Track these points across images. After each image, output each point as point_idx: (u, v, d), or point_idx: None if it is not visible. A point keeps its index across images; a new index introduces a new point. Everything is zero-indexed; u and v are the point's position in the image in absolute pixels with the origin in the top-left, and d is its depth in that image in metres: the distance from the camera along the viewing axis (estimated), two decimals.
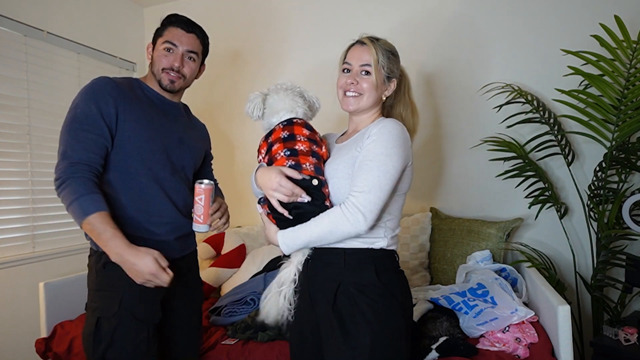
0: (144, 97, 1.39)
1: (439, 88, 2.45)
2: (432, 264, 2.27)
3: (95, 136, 1.24)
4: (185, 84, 1.44)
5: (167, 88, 1.41)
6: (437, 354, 1.49)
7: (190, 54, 1.41)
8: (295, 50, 2.78)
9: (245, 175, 2.84)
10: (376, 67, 1.19)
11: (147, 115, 1.35)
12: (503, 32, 2.32)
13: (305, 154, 1.17)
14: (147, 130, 1.33)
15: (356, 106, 1.23)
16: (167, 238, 1.38)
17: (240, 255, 2.49)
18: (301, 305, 1.22)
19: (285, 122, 1.22)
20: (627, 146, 1.95)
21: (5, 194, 2.18)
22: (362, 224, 1.07)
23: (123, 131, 1.29)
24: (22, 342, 2.16)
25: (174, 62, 1.38)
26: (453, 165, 2.44)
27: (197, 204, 1.31)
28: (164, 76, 1.39)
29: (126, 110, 1.30)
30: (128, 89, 1.34)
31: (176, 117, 1.48)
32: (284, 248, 1.14)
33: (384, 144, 1.11)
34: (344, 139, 1.29)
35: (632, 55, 1.78)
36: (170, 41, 1.37)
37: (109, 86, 1.29)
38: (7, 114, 2.22)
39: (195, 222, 1.33)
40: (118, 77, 1.38)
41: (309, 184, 1.13)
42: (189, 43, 1.40)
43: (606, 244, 1.92)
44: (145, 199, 1.33)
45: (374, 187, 1.07)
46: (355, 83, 1.21)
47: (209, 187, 1.31)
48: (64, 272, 2.37)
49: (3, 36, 2.21)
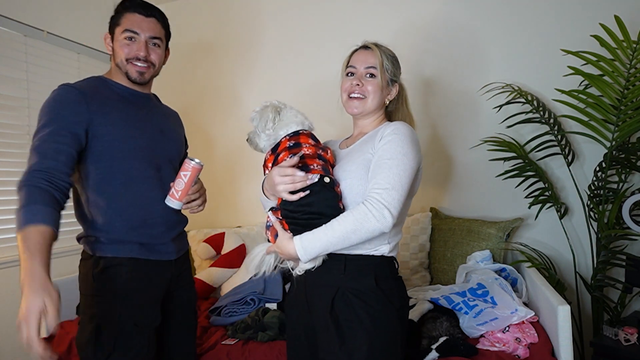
0: (113, 95, 1.30)
1: (439, 88, 2.45)
2: (432, 264, 2.27)
3: (60, 145, 1.14)
4: (155, 72, 1.36)
5: (136, 80, 1.32)
6: (437, 354, 1.49)
7: (154, 40, 1.31)
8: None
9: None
10: (381, 69, 1.21)
11: (122, 114, 1.28)
12: (503, 32, 2.32)
13: (311, 156, 1.16)
14: (125, 129, 1.27)
15: (361, 109, 1.23)
16: (164, 240, 1.34)
17: (240, 255, 2.48)
18: (297, 308, 1.22)
19: (292, 133, 1.22)
20: (627, 146, 1.95)
21: (5, 194, 2.18)
22: (389, 219, 1.05)
23: (101, 136, 1.22)
24: (22, 342, 2.16)
25: (139, 52, 1.28)
26: (453, 165, 2.44)
27: (180, 179, 1.27)
28: (130, 68, 1.30)
29: (97, 114, 1.22)
30: (93, 91, 1.25)
31: (151, 108, 1.40)
32: (302, 253, 1.06)
33: (401, 144, 1.11)
34: (349, 143, 1.29)
35: (632, 55, 1.78)
36: (130, 29, 1.28)
37: (72, 94, 1.20)
38: (7, 114, 2.22)
39: (171, 195, 1.28)
40: (79, 81, 1.29)
41: (321, 182, 1.11)
42: (150, 28, 1.30)
43: (606, 244, 1.92)
44: (137, 201, 1.28)
45: (396, 184, 1.07)
46: (361, 85, 1.22)
47: (197, 166, 1.27)
48: (64, 272, 2.37)
49: (3, 36, 2.21)
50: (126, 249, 1.27)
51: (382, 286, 1.12)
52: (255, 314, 1.86)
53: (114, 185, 1.25)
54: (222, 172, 2.88)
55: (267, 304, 2.00)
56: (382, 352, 1.08)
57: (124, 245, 1.27)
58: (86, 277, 1.28)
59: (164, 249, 1.34)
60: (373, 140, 1.17)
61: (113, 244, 1.26)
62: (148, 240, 1.30)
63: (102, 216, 1.26)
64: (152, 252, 1.32)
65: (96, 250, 1.27)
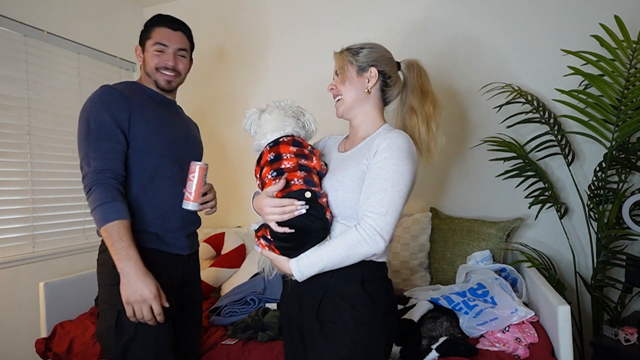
0: (147, 97, 1.44)
1: (439, 88, 2.45)
2: (432, 264, 2.27)
3: (114, 144, 1.29)
4: (181, 80, 1.51)
5: (164, 88, 1.46)
6: (437, 354, 1.49)
7: (181, 51, 1.46)
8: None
9: (239, 173, 2.84)
10: (342, 68, 1.23)
11: (155, 114, 1.40)
12: (503, 32, 2.32)
13: (292, 170, 1.14)
14: (157, 128, 1.38)
15: (342, 109, 1.25)
16: (178, 235, 1.42)
17: (240, 255, 2.49)
18: (289, 306, 1.24)
19: (272, 143, 1.19)
20: (627, 146, 1.95)
21: (5, 194, 2.18)
22: (382, 245, 1.07)
23: (137, 133, 1.34)
24: (22, 342, 2.16)
25: (168, 62, 1.43)
26: (453, 165, 2.44)
27: (190, 182, 1.33)
28: (159, 76, 1.44)
29: (136, 113, 1.35)
30: (132, 93, 1.39)
31: (177, 113, 1.55)
32: (298, 276, 1.11)
33: (395, 161, 1.09)
34: (348, 147, 1.27)
35: (632, 55, 1.78)
36: (160, 42, 1.43)
37: (116, 94, 1.33)
38: (7, 114, 2.22)
39: (186, 199, 1.34)
40: (115, 83, 1.41)
41: (302, 197, 1.10)
42: (178, 41, 1.45)
43: (606, 244, 1.92)
44: (161, 196, 1.38)
45: (390, 208, 1.07)
46: (335, 88, 1.26)
47: (203, 166, 1.34)
48: (64, 272, 2.37)
49: (3, 36, 2.21)
50: (145, 240, 1.34)
51: (368, 290, 1.12)
52: (255, 314, 1.86)
53: (141, 179, 1.35)
54: (225, 172, 2.88)
55: (267, 304, 2.00)
56: (362, 355, 1.09)
57: (140, 236, 1.33)
58: (106, 267, 1.31)
59: (178, 243, 1.42)
60: (369, 150, 1.15)
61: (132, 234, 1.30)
62: (164, 232, 1.38)
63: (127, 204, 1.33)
64: (166, 245, 1.39)
65: None
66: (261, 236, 1.17)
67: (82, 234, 2.56)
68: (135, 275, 1.19)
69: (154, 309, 1.20)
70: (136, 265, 1.20)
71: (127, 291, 1.19)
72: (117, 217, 1.21)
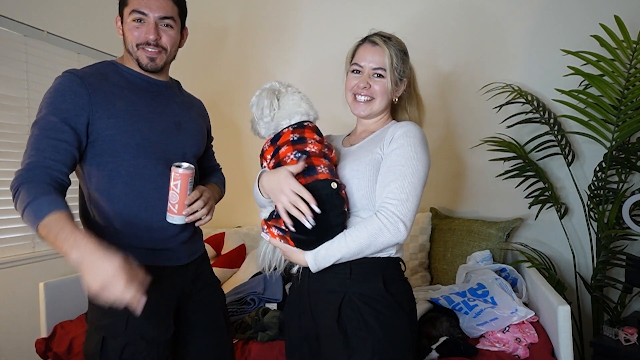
0: (123, 82, 1.19)
1: (439, 88, 2.45)
2: (432, 264, 2.27)
3: (57, 142, 1.07)
4: (169, 57, 1.23)
5: (147, 68, 1.20)
6: (437, 354, 1.49)
7: (164, 20, 1.17)
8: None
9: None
10: (391, 69, 1.12)
11: (129, 104, 1.16)
12: (503, 32, 2.32)
13: (318, 155, 1.07)
14: (129, 122, 1.15)
15: (368, 111, 1.16)
16: (172, 245, 1.22)
17: (240, 255, 2.49)
18: (297, 316, 1.16)
19: (296, 125, 1.11)
20: (627, 146, 1.95)
21: (6, 194, 2.18)
22: (404, 232, 1.02)
23: (103, 129, 1.12)
24: (22, 342, 2.16)
25: (148, 35, 1.16)
26: (453, 165, 2.44)
27: (172, 191, 1.12)
28: (140, 54, 1.18)
29: (100, 107, 1.11)
30: (99, 79, 1.15)
31: (168, 97, 1.27)
32: (314, 267, 1.04)
33: (413, 148, 1.06)
34: (354, 141, 1.22)
35: (632, 55, 1.78)
36: (138, 9, 1.14)
37: (74, 84, 1.11)
38: (7, 114, 2.21)
39: (169, 211, 1.14)
40: (86, 66, 1.19)
41: (328, 187, 1.03)
42: (159, 7, 1.16)
43: (606, 244, 1.92)
44: (142, 204, 1.17)
45: (410, 194, 1.03)
46: (368, 87, 1.14)
47: (187, 172, 1.11)
48: (64, 272, 2.37)
49: (3, 36, 2.21)
50: (133, 257, 1.16)
51: (392, 290, 1.06)
52: (255, 314, 1.86)
53: (117, 185, 1.15)
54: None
55: (267, 304, 2.00)
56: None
57: (131, 251, 1.13)
58: None
59: (173, 254, 1.23)
60: (382, 140, 1.11)
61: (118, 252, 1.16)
62: (154, 245, 1.19)
63: (104, 219, 1.16)
64: (159, 258, 1.20)
65: None
66: (273, 226, 1.09)
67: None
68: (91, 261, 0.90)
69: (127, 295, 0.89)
70: (87, 247, 0.91)
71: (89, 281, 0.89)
72: (52, 210, 0.96)
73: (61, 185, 1.07)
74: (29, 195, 1.00)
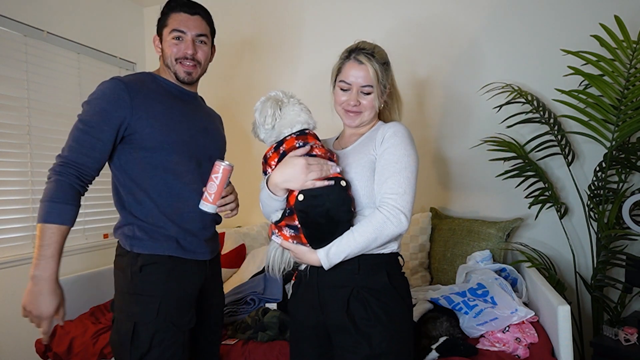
0: (160, 89, 1.34)
1: (439, 88, 2.45)
2: (432, 264, 2.27)
3: (95, 140, 1.21)
4: (202, 70, 1.40)
5: (185, 80, 1.36)
6: (437, 354, 1.49)
7: (200, 37, 1.35)
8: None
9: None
10: (377, 85, 1.20)
11: (166, 108, 1.31)
12: (503, 32, 2.32)
13: (324, 158, 1.15)
14: (167, 123, 1.29)
15: (359, 122, 1.25)
16: (199, 238, 1.34)
17: (240, 255, 2.49)
18: (305, 309, 1.22)
19: (298, 132, 1.19)
20: (627, 146, 1.95)
21: (5, 194, 2.18)
22: (405, 223, 1.10)
23: (142, 128, 1.25)
24: (22, 342, 2.16)
25: (187, 50, 1.32)
26: (453, 165, 2.44)
27: (212, 182, 1.24)
28: (179, 68, 1.34)
29: (140, 109, 1.25)
30: (140, 86, 1.29)
31: (197, 106, 1.44)
32: (326, 265, 1.12)
33: (404, 146, 1.15)
34: (345, 144, 1.29)
35: (632, 55, 1.78)
36: (177, 29, 1.32)
37: (117, 88, 1.24)
38: (7, 114, 2.22)
39: (204, 199, 1.25)
40: (128, 74, 1.33)
41: (338, 184, 1.11)
42: (196, 26, 1.33)
43: (606, 244, 1.92)
44: (175, 193, 1.30)
45: (407, 188, 1.12)
46: (358, 104, 1.22)
47: (228, 167, 1.24)
48: (64, 272, 2.35)
49: (3, 36, 2.21)
50: (163, 247, 1.28)
51: (394, 283, 1.15)
52: (255, 314, 1.86)
53: (152, 177, 1.28)
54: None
55: (267, 304, 2.00)
56: (400, 347, 1.12)
57: (161, 243, 1.28)
58: (123, 274, 1.27)
59: (198, 248, 1.34)
60: (373, 141, 1.20)
61: (150, 241, 1.27)
62: (183, 236, 1.31)
63: (140, 205, 1.28)
64: (187, 252, 1.31)
65: (133, 246, 1.26)
66: (285, 226, 1.14)
67: (82, 234, 2.56)
68: (42, 290, 1.12)
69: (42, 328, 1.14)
70: (49, 279, 1.13)
71: (28, 299, 1.12)
72: (57, 222, 1.14)
73: (87, 182, 1.24)
74: (50, 193, 1.16)
